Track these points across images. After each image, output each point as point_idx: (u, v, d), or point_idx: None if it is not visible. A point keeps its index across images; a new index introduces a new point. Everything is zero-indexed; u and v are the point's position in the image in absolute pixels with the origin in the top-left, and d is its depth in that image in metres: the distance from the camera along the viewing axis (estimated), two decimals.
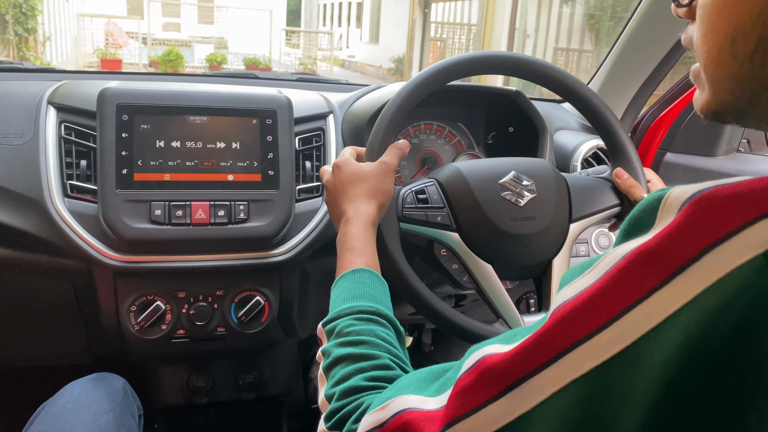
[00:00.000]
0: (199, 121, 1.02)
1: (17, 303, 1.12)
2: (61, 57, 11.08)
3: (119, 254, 0.98)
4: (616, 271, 0.37)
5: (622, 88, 1.43)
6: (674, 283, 0.34)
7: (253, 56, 11.11)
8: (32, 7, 9.30)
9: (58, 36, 11.00)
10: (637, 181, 0.93)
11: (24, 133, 1.02)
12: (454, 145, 1.30)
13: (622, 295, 0.36)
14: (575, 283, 0.40)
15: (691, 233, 0.34)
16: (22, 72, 1.32)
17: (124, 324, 1.02)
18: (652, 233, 0.37)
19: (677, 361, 0.33)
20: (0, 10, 8.60)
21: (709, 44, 0.44)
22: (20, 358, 1.23)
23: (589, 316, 0.37)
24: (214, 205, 1.01)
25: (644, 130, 1.44)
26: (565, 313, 0.38)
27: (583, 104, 0.97)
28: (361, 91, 1.27)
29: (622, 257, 0.37)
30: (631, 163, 0.95)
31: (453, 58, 0.93)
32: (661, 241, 0.36)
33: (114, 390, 0.94)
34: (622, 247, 0.38)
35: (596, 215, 0.93)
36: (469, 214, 0.87)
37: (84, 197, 1.00)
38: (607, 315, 0.36)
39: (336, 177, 0.86)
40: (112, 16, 12.07)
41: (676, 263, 0.34)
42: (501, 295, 0.87)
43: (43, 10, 9.92)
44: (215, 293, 1.06)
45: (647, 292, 0.35)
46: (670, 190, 0.38)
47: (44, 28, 10.21)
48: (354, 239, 0.77)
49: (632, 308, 0.35)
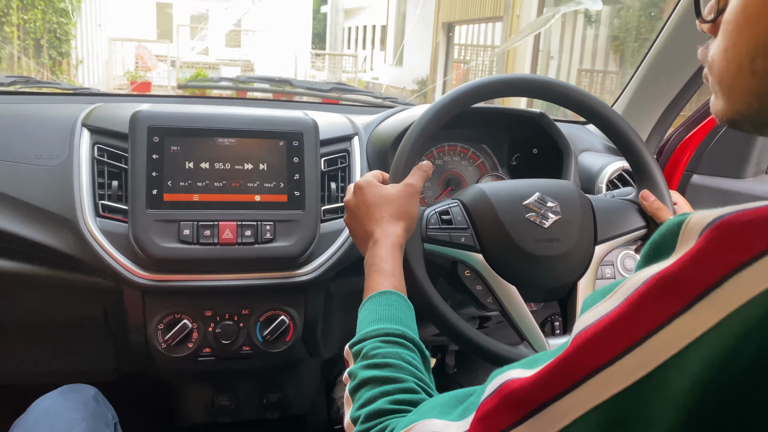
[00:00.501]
0: (228, 143, 1.05)
1: (48, 320, 1.15)
2: (92, 80, 11.37)
3: (148, 273, 1.00)
4: (637, 296, 0.37)
5: (647, 109, 1.43)
6: (696, 309, 0.34)
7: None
8: (66, 32, 9.58)
9: (90, 59, 11.31)
10: (663, 204, 0.92)
11: (59, 154, 1.05)
12: (478, 166, 1.30)
13: (644, 320, 0.36)
14: (597, 307, 0.40)
15: (712, 260, 0.35)
16: (57, 95, 1.36)
17: (151, 342, 1.04)
18: (672, 258, 0.37)
19: (700, 387, 0.33)
20: (35, 35, 8.87)
21: (729, 59, 0.45)
22: (47, 376, 1.25)
23: (611, 341, 0.37)
24: (241, 225, 1.02)
25: (670, 151, 1.43)
26: (587, 338, 0.38)
27: (608, 126, 0.97)
28: (385, 113, 1.28)
29: (643, 282, 0.37)
30: (657, 185, 0.94)
31: (476, 81, 0.94)
32: (682, 267, 0.36)
33: (85, 399, 0.94)
34: (644, 272, 0.38)
35: (622, 237, 0.92)
36: (493, 236, 0.88)
37: (115, 217, 1.02)
38: (630, 340, 0.36)
39: (359, 198, 0.86)
40: (143, 40, 12.38)
41: (697, 289, 0.34)
42: (525, 317, 0.86)
43: (76, 35, 10.20)
44: (241, 312, 1.07)
45: (669, 317, 0.35)
46: (691, 216, 0.38)
47: (77, 52, 10.50)
48: (382, 261, 0.77)
49: (654, 334, 0.35)
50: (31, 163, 1.04)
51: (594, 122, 0.97)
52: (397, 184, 0.87)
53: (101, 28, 12.09)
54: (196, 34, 13.10)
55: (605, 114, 0.96)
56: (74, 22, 9.83)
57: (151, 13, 18.12)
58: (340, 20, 13.70)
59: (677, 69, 1.34)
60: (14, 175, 1.03)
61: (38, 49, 9.21)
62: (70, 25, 9.68)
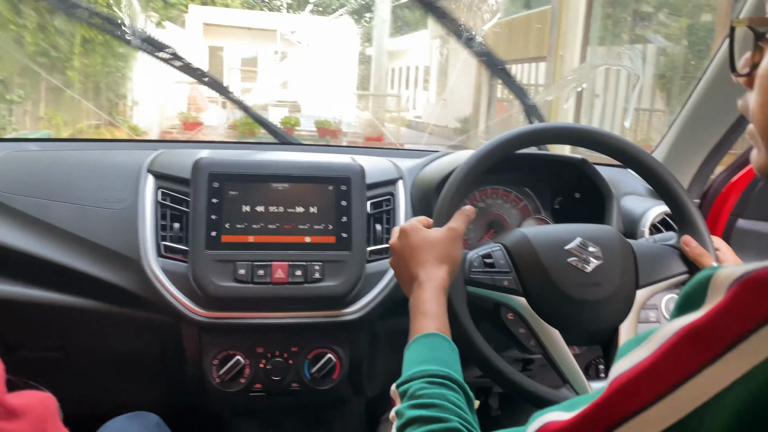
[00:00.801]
0: (281, 188, 1.11)
1: (109, 353, 1.21)
2: (147, 120, 11.86)
3: (205, 310, 1.06)
4: (669, 345, 0.40)
5: (690, 153, 1.43)
6: (725, 360, 0.37)
7: (324, 119, 11.53)
8: (124, 76, 10.06)
9: (145, 101, 11.82)
10: (705, 250, 0.93)
11: (125, 198, 1.13)
12: (521, 209, 1.33)
13: (675, 369, 0.38)
14: (631, 355, 0.42)
15: (740, 313, 0.37)
16: (124, 142, 1.46)
17: (206, 376, 1.08)
18: (702, 311, 0.39)
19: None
20: (95, 79, 9.34)
21: (765, 113, 0.47)
22: (107, 406, 1.31)
23: (644, 388, 0.40)
24: (292, 265, 1.07)
25: (714, 195, 1.43)
26: (622, 384, 0.41)
27: (647, 172, 0.99)
28: (430, 157, 1.33)
29: (674, 332, 0.40)
30: (698, 231, 0.95)
31: (518, 130, 0.97)
32: (710, 319, 0.38)
33: (149, 425, 1.00)
34: (675, 323, 0.41)
35: (663, 282, 0.93)
36: (535, 279, 0.90)
37: (175, 257, 1.09)
38: (662, 388, 0.39)
39: (403, 241, 0.90)
40: (195, 83, 12.88)
41: (725, 341, 0.37)
42: (568, 360, 0.88)
43: (132, 78, 10.69)
44: (290, 349, 1.11)
45: (699, 367, 0.37)
46: (719, 270, 0.40)
47: (133, 94, 10.99)
48: (427, 303, 0.80)
49: (686, 382, 0.38)
50: (99, 206, 1.12)
51: (633, 168, 1.00)
52: (440, 228, 0.90)
53: (156, 71, 12.66)
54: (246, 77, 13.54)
55: (644, 160, 0.98)
56: (131, 66, 10.32)
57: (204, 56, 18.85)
58: (384, 62, 13.99)
59: (721, 112, 1.34)
60: (84, 217, 1.11)
61: (97, 92, 9.68)
62: (127, 69, 10.17)
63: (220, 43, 19.26)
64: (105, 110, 9.88)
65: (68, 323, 1.15)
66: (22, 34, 7.03)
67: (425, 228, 0.91)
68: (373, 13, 12.01)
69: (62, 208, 1.11)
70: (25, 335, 1.17)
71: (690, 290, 0.42)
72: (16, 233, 1.09)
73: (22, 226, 1.09)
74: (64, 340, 1.18)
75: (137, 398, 1.27)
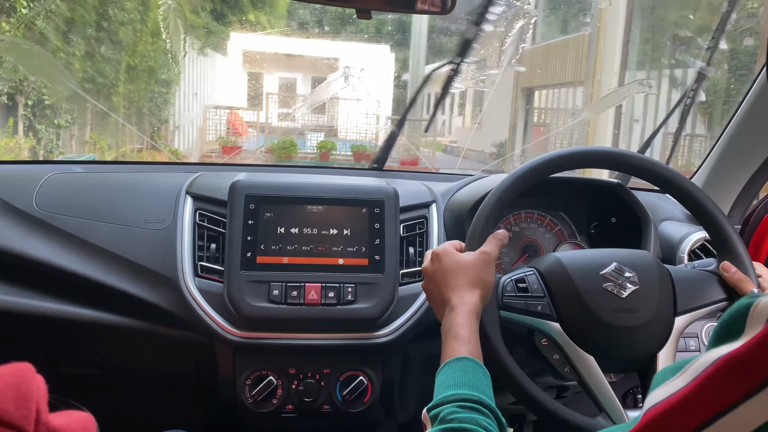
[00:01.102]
0: (316, 210, 1.12)
1: (144, 372, 1.23)
2: (187, 144, 12.15)
3: (239, 330, 1.07)
4: (705, 376, 0.39)
5: (731, 177, 1.40)
6: (764, 394, 0.36)
7: (360, 143, 11.64)
8: (166, 101, 10.36)
9: (186, 126, 12.15)
10: (746, 275, 0.91)
11: (165, 218, 1.16)
12: (556, 233, 1.32)
13: (713, 401, 0.37)
14: (667, 385, 0.42)
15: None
16: (163, 164, 1.50)
17: (239, 396, 1.09)
18: (741, 341, 0.38)
19: None
20: (139, 104, 9.64)
21: None
22: (142, 425, 1.33)
23: (680, 420, 0.39)
24: (325, 286, 1.08)
25: (757, 221, 1.39)
26: (657, 415, 0.40)
27: (685, 197, 0.97)
28: (463, 181, 1.33)
29: (711, 363, 0.39)
30: (738, 256, 0.93)
31: (551, 154, 0.97)
32: (749, 350, 0.37)
33: None
34: (713, 353, 0.39)
35: (702, 309, 0.91)
36: (570, 305, 0.89)
37: (211, 277, 1.11)
38: (698, 420, 0.37)
39: (436, 265, 0.90)
40: (234, 108, 13.18)
41: (765, 374, 0.36)
42: (603, 388, 0.86)
43: (175, 103, 11.00)
44: (323, 371, 1.12)
45: (739, 399, 0.36)
46: (759, 299, 0.39)
47: (175, 119, 11.30)
48: (459, 328, 0.80)
49: (725, 414, 0.37)
50: (140, 227, 1.15)
51: (671, 193, 0.98)
52: (473, 252, 0.90)
53: (197, 96, 13.01)
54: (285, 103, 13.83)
55: (681, 185, 0.96)
56: (173, 92, 10.63)
57: (243, 82, 19.31)
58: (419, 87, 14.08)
59: (764, 135, 1.32)
60: (125, 237, 1.14)
61: (140, 117, 9.98)
62: (169, 95, 10.48)
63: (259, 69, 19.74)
64: (147, 134, 10.17)
65: (106, 341, 1.18)
66: (70, 62, 7.32)
67: (458, 252, 0.91)
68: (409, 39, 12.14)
69: (104, 227, 1.15)
70: (66, 352, 1.20)
71: (729, 319, 0.41)
72: (60, 252, 1.12)
73: (66, 244, 1.13)
74: (102, 357, 1.21)
75: (173, 416, 1.29)
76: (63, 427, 0.40)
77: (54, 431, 0.39)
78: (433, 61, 17.46)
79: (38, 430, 0.37)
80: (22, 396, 0.37)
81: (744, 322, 0.39)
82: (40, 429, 0.38)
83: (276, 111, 13.22)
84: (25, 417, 0.37)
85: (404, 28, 10.89)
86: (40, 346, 1.19)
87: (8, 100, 6.71)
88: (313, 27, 11.29)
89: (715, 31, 1.45)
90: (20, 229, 1.14)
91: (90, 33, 7.54)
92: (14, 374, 0.38)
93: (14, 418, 0.36)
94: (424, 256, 0.96)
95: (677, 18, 8.68)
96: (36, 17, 6.49)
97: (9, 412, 0.36)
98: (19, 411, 0.36)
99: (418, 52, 13.88)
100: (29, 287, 1.12)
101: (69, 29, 7.23)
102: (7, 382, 0.37)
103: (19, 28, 6.28)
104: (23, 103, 6.87)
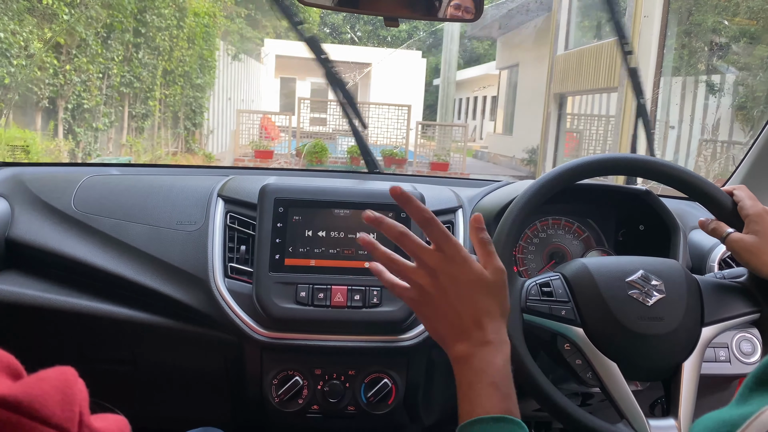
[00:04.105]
0: (343, 214, 1.14)
1: (175, 370, 1.26)
2: (220, 148, 12.35)
3: (267, 330, 1.09)
4: None
5: (765, 184, 1.38)
6: None
7: (391, 148, 11.68)
8: (200, 105, 10.56)
9: (219, 130, 12.34)
10: (719, 221, 0.94)
11: (197, 220, 1.19)
12: (583, 240, 1.31)
13: None
14: None
15: None
16: (196, 168, 1.53)
17: (266, 396, 1.12)
18: None
19: None
20: (174, 108, 9.84)
21: None
22: (171, 422, 1.36)
23: None
24: (351, 289, 1.10)
25: None
26: None
27: (714, 206, 0.96)
28: (490, 186, 1.33)
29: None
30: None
31: (578, 160, 0.97)
32: None
33: None
34: (766, 415, 0.37)
35: (730, 321, 0.90)
36: (594, 310, 0.89)
37: (240, 278, 1.13)
38: None
39: (452, 270, 0.70)
40: (267, 113, 13.37)
41: None
42: (625, 395, 0.85)
43: (209, 108, 11.20)
44: (348, 372, 1.13)
45: None
46: None
47: (209, 122, 11.50)
48: (499, 374, 0.66)
49: None
50: (172, 228, 1.19)
51: (699, 200, 0.97)
52: (496, 271, 0.72)
53: (231, 101, 13.22)
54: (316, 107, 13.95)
55: (709, 192, 0.95)
56: (208, 96, 10.82)
57: (275, 87, 19.55)
58: (451, 92, 14.08)
59: None
60: (158, 238, 1.18)
61: (175, 121, 10.19)
62: (204, 99, 10.68)
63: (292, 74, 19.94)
64: (182, 138, 10.37)
65: (139, 338, 1.21)
66: (109, 66, 7.51)
67: (471, 260, 0.71)
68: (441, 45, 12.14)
69: (138, 228, 1.18)
70: (100, 349, 1.24)
71: None
72: (96, 251, 1.16)
73: (102, 244, 1.17)
74: (135, 354, 1.24)
75: (203, 414, 1.31)
76: (102, 429, 0.42)
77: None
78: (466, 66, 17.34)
79: (81, 431, 0.39)
80: (67, 399, 0.39)
81: None
82: (83, 430, 0.40)
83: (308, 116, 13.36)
84: (69, 419, 0.38)
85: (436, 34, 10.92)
86: (76, 343, 1.23)
87: (49, 104, 6.91)
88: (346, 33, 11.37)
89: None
90: (59, 228, 1.19)
91: (128, 38, 7.73)
92: (59, 378, 0.40)
93: (60, 420, 0.38)
94: (408, 275, 0.74)
95: (714, 23, 8.51)
96: (77, 23, 6.69)
97: (56, 414, 0.38)
98: (65, 413, 0.38)
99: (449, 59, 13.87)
100: (66, 285, 1.16)
101: (108, 35, 7.42)
102: (53, 385, 0.39)
103: (61, 35, 6.47)
104: (63, 107, 7.07)
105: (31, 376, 0.39)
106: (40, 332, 1.22)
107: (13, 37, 5.80)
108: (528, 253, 1.29)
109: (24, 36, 5.94)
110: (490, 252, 0.72)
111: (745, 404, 0.40)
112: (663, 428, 0.84)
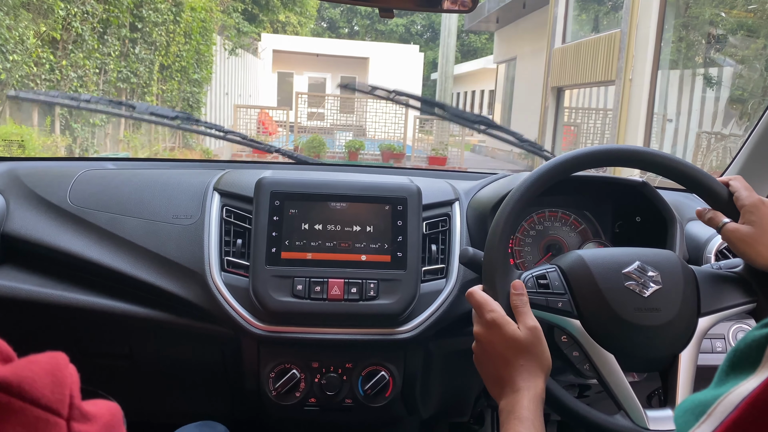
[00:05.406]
0: (339, 207, 1.14)
1: (172, 364, 1.26)
2: (218, 143, 12.32)
3: (264, 324, 1.09)
4: (731, 422, 0.38)
5: (762, 176, 1.38)
6: None
7: (389, 143, 11.67)
8: (198, 100, 10.52)
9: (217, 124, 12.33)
10: (716, 211, 0.94)
11: (193, 214, 1.19)
12: (580, 232, 1.31)
13: None
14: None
15: None
16: (191, 162, 1.53)
17: (263, 389, 1.12)
18: (760, 375, 0.37)
19: None
20: (171, 103, 9.80)
21: None
22: (169, 416, 1.36)
23: None
24: (348, 282, 1.10)
25: None
26: None
27: (711, 197, 0.96)
28: (487, 179, 1.33)
29: (735, 406, 0.38)
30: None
31: (574, 152, 0.96)
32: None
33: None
34: (734, 394, 0.38)
35: (727, 311, 0.90)
36: (591, 302, 0.88)
37: (237, 272, 1.13)
38: None
39: (490, 336, 0.83)
40: (265, 107, 13.34)
41: None
42: (623, 386, 0.85)
43: (206, 103, 11.17)
44: (345, 365, 1.13)
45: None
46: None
47: (206, 117, 11.47)
48: (525, 410, 0.76)
49: None
50: (168, 222, 1.18)
51: (695, 191, 0.97)
52: (528, 330, 0.83)
53: (228, 96, 13.19)
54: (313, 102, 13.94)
55: (706, 183, 0.95)
56: (205, 92, 10.79)
57: (273, 82, 19.52)
58: (449, 86, 14.05)
59: None
60: (154, 232, 1.17)
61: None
62: (201, 94, 10.64)
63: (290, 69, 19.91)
64: (180, 133, 10.33)
65: (136, 332, 1.21)
66: (105, 62, 7.48)
67: (512, 324, 0.83)
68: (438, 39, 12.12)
69: (134, 222, 1.18)
70: (96, 342, 1.24)
71: (744, 348, 0.41)
72: (91, 245, 1.16)
73: (97, 238, 1.17)
74: (132, 348, 1.24)
75: (202, 408, 1.32)
76: (93, 413, 0.42)
77: (86, 415, 0.41)
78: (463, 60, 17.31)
79: (72, 414, 0.39)
80: (57, 382, 0.39)
81: (761, 354, 0.39)
82: (74, 413, 0.40)
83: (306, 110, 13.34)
84: (60, 401, 0.39)
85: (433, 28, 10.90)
86: (72, 337, 1.23)
87: None
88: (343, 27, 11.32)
89: None
90: (55, 223, 1.18)
91: (125, 33, 7.69)
92: (50, 362, 0.40)
93: (50, 401, 0.38)
94: (473, 315, 0.89)
95: (711, 15, 8.50)
96: (73, 19, 6.65)
97: (46, 396, 0.38)
98: (55, 395, 0.39)
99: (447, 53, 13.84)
100: (62, 279, 1.16)
101: (104, 30, 7.39)
102: (43, 368, 0.39)
103: (56, 30, 6.44)
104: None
105: (21, 360, 0.39)
106: (36, 327, 1.21)
107: (9, 32, 5.77)
108: (525, 245, 1.29)
109: (20, 31, 5.91)
110: (521, 313, 0.84)
111: (721, 386, 0.41)
112: (660, 419, 0.84)
